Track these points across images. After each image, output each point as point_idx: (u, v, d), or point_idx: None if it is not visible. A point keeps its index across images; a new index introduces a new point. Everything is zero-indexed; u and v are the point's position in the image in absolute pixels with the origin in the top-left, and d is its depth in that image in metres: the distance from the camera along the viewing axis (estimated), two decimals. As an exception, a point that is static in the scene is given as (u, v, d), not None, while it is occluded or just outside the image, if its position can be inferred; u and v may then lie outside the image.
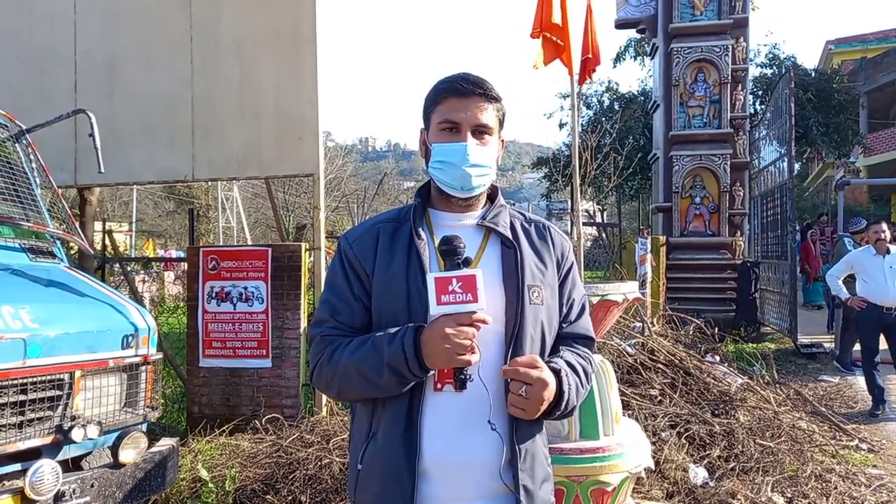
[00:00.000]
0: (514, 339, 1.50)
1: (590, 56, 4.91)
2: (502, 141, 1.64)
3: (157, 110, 5.64)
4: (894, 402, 6.64)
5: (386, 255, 1.55)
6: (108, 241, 8.08)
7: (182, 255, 20.29)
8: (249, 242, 22.00)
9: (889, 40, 28.23)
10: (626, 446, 3.16)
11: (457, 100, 1.53)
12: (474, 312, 1.38)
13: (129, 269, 8.67)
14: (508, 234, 1.58)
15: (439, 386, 1.49)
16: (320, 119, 5.28)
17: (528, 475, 1.50)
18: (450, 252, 1.42)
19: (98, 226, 8.54)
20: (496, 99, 1.56)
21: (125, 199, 28.65)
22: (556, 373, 1.48)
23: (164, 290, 15.99)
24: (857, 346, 7.02)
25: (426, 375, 1.46)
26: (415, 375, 1.43)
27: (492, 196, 1.65)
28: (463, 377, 1.41)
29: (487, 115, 1.54)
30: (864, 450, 5.49)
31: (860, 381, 7.64)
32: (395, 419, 1.49)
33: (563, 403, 1.49)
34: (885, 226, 6.70)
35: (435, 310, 1.38)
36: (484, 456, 1.48)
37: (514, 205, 1.91)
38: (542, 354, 1.56)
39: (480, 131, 1.54)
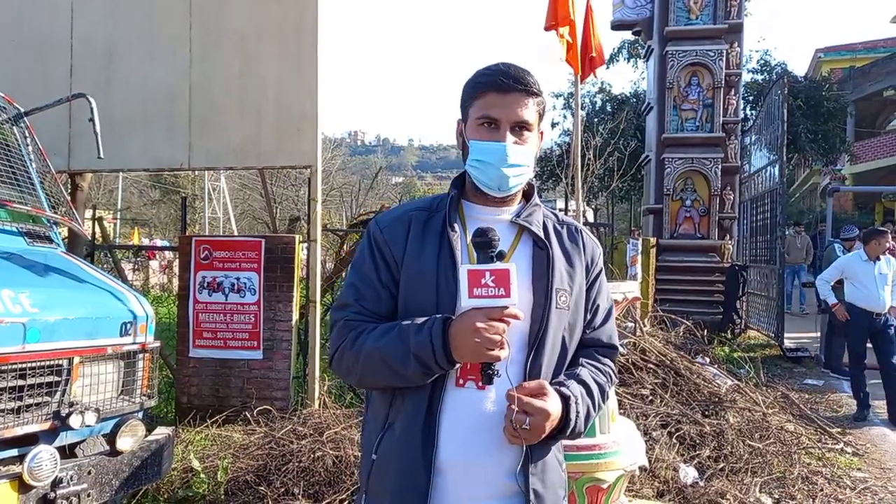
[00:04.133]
0: (536, 343, 1.48)
1: (593, 55, 4.91)
2: (541, 133, 1.60)
3: (155, 99, 5.59)
4: (878, 406, 6.73)
5: (417, 243, 1.52)
6: (97, 228, 8.00)
7: (168, 244, 20.20)
8: (236, 233, 21.89)
9: (877, 50, 28.57)
10: (621, 444, 3.19)
11: (497, 95, 1.49)
12: (506, 307, 1.35)
13: (118, 257, 8.59)
14: (542, 234, 1.55)
15: (461, 382, 1.47)
16: (320, 112, 5.26)
17: (538, 479, 1.48)
18: (484, 244, 1.39)
19: (88, 213, 8.45)
20: (537, 93, 1.52)
21: (110, 187, 28.40)
22: (566, 399, 1.45)
23: (148, 278, 15.89)
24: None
25: (453, 368, 1.43)
26: (441, 368, 1.41)
27: (527, 193, 1.63)
28: (490, 372, 1.39)
29: (528, 111, 1.50)
30: (849, 453, 5.57)
31: (845, 385, 7.75)
32: (414, 412, 1.46)
33: (568, 430, 1.46)
34: (889, 236, 6.77)
35: (466, 302, 1.35)
36: (499, 456, 1.46)
37: None
38: (562, 360, 1.55)
39: (521, 128, 1.51)
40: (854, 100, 24.06)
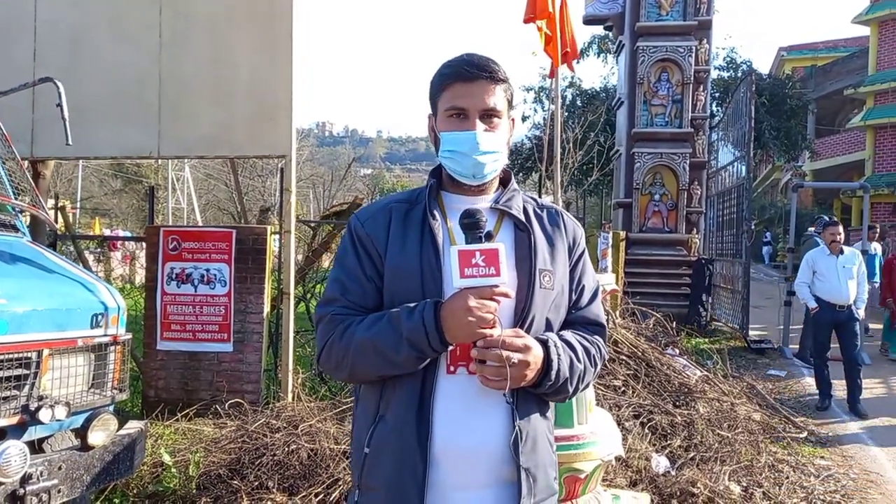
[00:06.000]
0: (521, 324, 1.48)
1: (567, 50, 4.94)
2: (512, 120, 1.60)
3: (123, 85, 5.43)
4: (840, 396, 6.92)
5: (399, 235, 1.52)
6: (59, 218, 7.78)
7: (130, 234, 19.73)
8: (200, 224, 21.53)
9: (838, 49, 29.30)
10: (598, 435, 3.21)
11: (462, 85, 1.50)
12: (496, 286, 1.37)
13: (82, 247, 8.36)
14: (522, 217, 1.56)
15: (452, 369, 1.47)
16: (294, 101, 5.17)
17: (529, 458, 1.48)
18: (472, 225, 1.40)
19: (50, 202, 8.21)
20: (503, 80, 1.53)
21: (69, 176, 27.60)
22: (544, 343, 1.46)
23: (110, 270, 15.54)
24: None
25: (445, 351, 1.44)
26: (434, 351, 1.41)
27: (504, 180, 1.64)
28: None
29: (495, 97, 1.51)
30: (812, 442, 5.73)
31: (807, 376, 7.96)
32: (406, 402, 1.46)
33: (553, 373, 1.45)
34: (840, 228, 6.96)
35: (458, 282, 1.36)
36: (493, 442, 1.46)
37: None
38: None
39: (489, 115, 1.51)
40: (815, 98, 24.66)
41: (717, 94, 17.94)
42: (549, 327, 1.55)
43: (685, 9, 11.38)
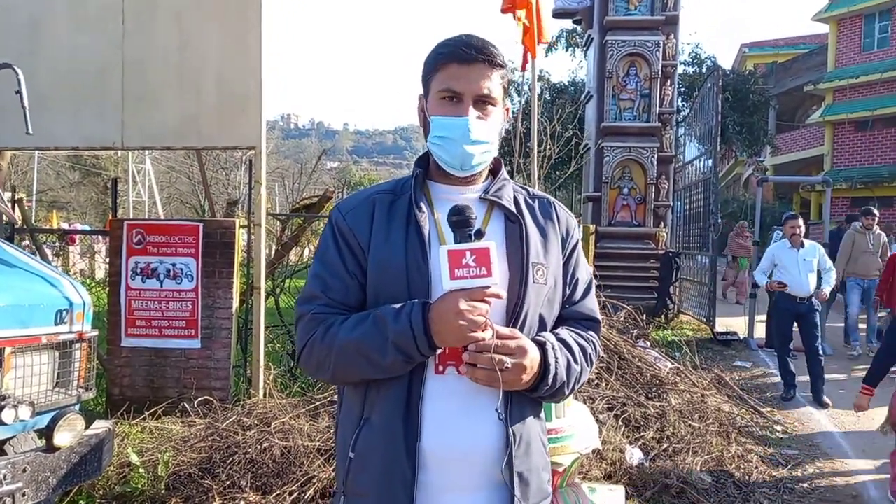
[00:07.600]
0: (513, 320, 1.42)
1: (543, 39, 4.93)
2: (507, 109, 1.53)
3: (85, 73, 5.24)
4: (805, 385, 7.07)
5: (383, 228, 1.44)
6: (18, 210, 7.51)
7: (88, 228, 19.23)
8: (162, 217, 21.11)
9: (797, 46, 29.97)
10: (576, 428, 3.22)
11: (458, 67, 1.42)
12: (488, 287, 1.30)
13: (42, 241, 8.09)
14: (513, 208, 1.49)
15: (441, 369, 1.41)
16: (264, 91, 5.05)
17: (522, 462, 1.43)
18: (461, 223, 1.34)
19: (6, 194, 7.92)
20: (501, 65, 1.46)
21: (24, 168, 26.77)
22: (542, 345, 1.41)
23: (68, 264, 15.13)
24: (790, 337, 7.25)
25: (434, 354, 1.37)
26: (422, 355, 1.35)
27: (494, 169, 1.56)
28: None
29: (492, 83, 1.44)
30: (779, 431, 5.84)
31: (772, 367, 8.12)
32: (393, 404, 1.40)
33: (550, 377, 1.40)
34: (800, 221, 7.11)
35: (449, 284, 1.30)
36: (485, 444, 1.41)
37: None
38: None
39: (484, 101, 1.44)
40: (776, 94, 25.17)
41: (682, 90, 18.19)
42: (542, 323, 1.49)
43: (653, 3, 11.45)
